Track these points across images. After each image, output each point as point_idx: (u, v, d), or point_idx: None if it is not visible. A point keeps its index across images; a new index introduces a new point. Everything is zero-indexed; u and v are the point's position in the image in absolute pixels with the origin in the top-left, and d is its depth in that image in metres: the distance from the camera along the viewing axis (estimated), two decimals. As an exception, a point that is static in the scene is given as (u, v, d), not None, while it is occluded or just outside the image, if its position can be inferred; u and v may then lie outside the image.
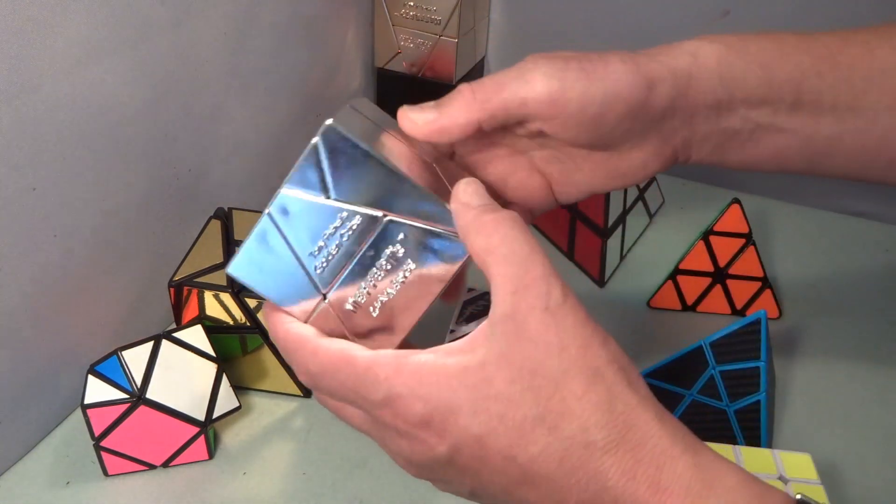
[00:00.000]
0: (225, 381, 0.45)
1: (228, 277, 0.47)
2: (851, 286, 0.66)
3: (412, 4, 0.71)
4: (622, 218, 0.65)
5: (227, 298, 0.47)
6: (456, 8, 0.70)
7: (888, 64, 0.38)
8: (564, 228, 0.66)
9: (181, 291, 0.47)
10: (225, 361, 0.48)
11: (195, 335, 0.45)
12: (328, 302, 0.34)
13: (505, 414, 0.30)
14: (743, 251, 0.58)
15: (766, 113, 0.38)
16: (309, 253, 0.34)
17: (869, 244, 0.71)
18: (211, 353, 0.45)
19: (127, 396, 0.42)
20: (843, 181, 0.76)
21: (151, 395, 0.43)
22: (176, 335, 0.45)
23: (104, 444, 0.43)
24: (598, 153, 0.38)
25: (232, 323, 0.48)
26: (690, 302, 0.61)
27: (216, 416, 0.45)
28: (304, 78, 0.65)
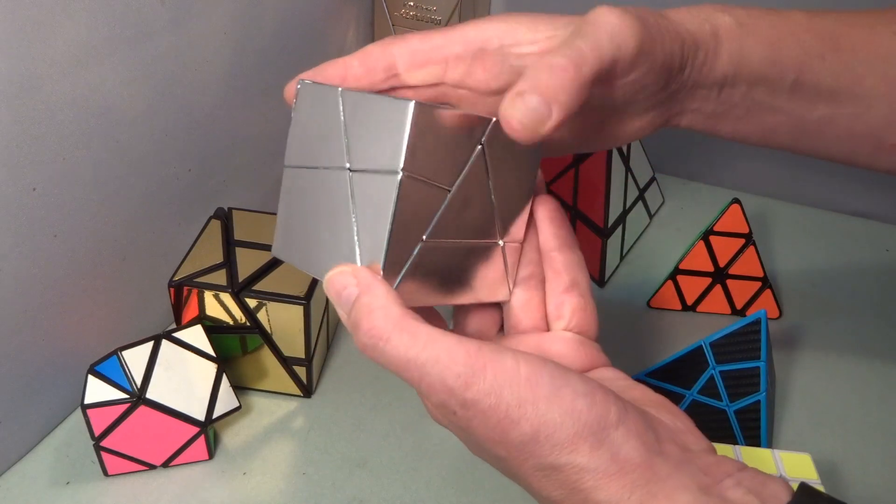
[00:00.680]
0: (225, 381, 0.45)
1: (228, 277, 0.47)
2: (851, 286, 0.66)
3: (412, 4, 0.71)
4: (622, 218, 0.65)
5: (227, 298, 0.47)
6: (456, 8, 0.70)
7: (890, 51, 0.39)
8: None
9: (181, 291, 0.47)
10: (225, 361, 0.48)
11: (195, 335, 0.45)
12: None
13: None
14: (743, 251, 0.58)
15: (764, 91, 0.38)
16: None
17: (869, 244, 0.72)
18: (211, 353, 0.45)
19: (127, 396, 0.42)
20: (842, 181, 0.76)
21: (151, 395, 0.43)
22: (176, 335, 0.45)
23: (104, 444, 0.43)
24: (595, 117, 0.37)
25: (232, 323, 0.48)
26: (690, 302, 0.61)
27: (216, 416, 0.45)
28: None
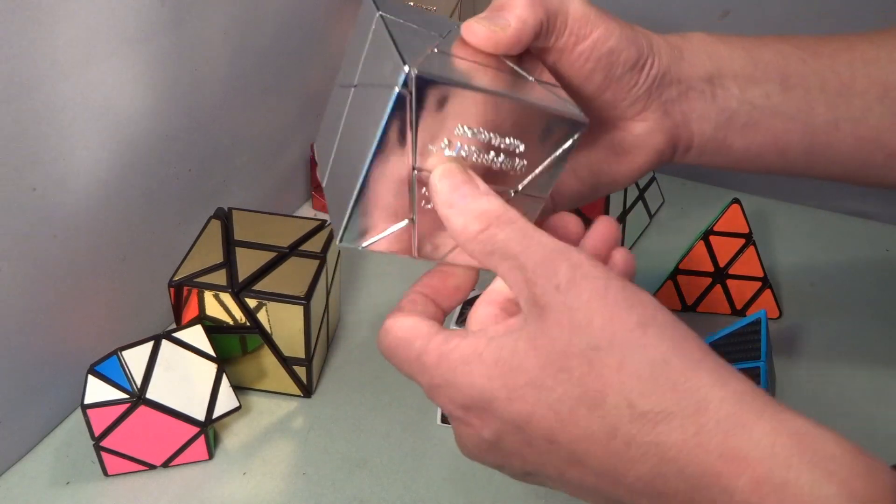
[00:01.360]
0: (225, 381, 0.45)
1: (228, 277, 0.47)
2: (851, 286, 0.66)
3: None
4: (622, 218, 0.65)
5: (227, 298, 0.47)
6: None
7: (869, 56, 0.39)
8: None
9: (181, 291, 0.47)
10: (225, 361, 0.48)
11: (195, 335, 0.45)
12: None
13: (540, 399, 0.29)
14: (743, 251, 0.58)
15: (758, 94, 0.39)
16: None
17: (869, 244, 0.72)
18: (211, 353, 0.45)
19: (127, 396, 0.42)
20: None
21: (151, 395, 0.43)
22: (176, 335, 0.45)
23: (104, 444, 0.43)
24: (603, 127, 0.39)
25: (232, 323, 0.48)
26: (690, 302, 0.61)
27: (216, 416, 0.45)
28: (304, 78, 0.65)
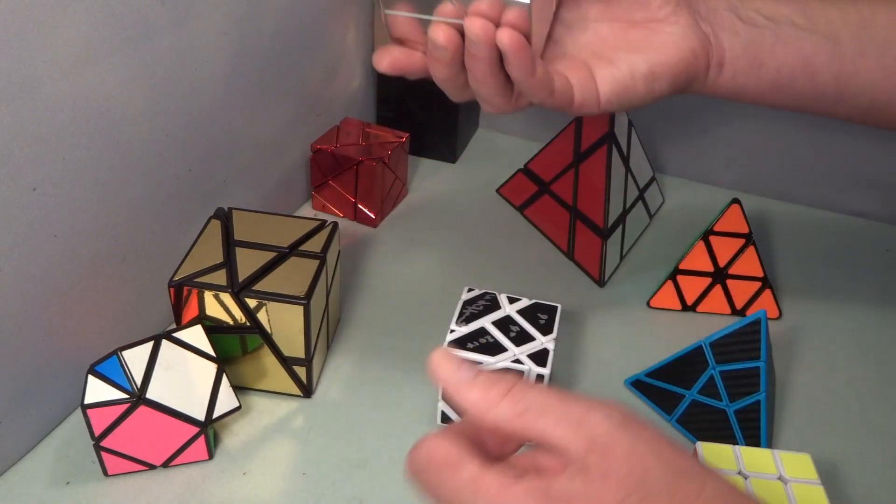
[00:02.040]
0: (225, 381, 0.45)
1: (228, 277, 0.47)
2: (851, 286, 0.66)
3: None
4: (622, 218, 0.65)
5: (227, 298, 0.47)
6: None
7: (891, 19, 0.44)
8: (564, 228, 0.67)
9: (181, 291, 0.47)
10: (225, 361, 0.48)
11: (195, 335, 0.46)
12: None
13: None
14: (743, 251, 0.58)
15: (783, 18, 0.43)
16: None
17: (869, 244, 0.72)
18: (211, 353, 0.45)
19: (127, 396, 0.42)
20: (842, 181, 0.76)
21: (151, 395, 0.43)
22: (176, 335, 0.45)
23: (104, 444, 0.43)
24: (637, 24, 0.44)
25: (232, 323, 0.48)
26: (690, 302, 0.61)
27: (216, 416, 0.45)
28: (304, 78, 0.65)
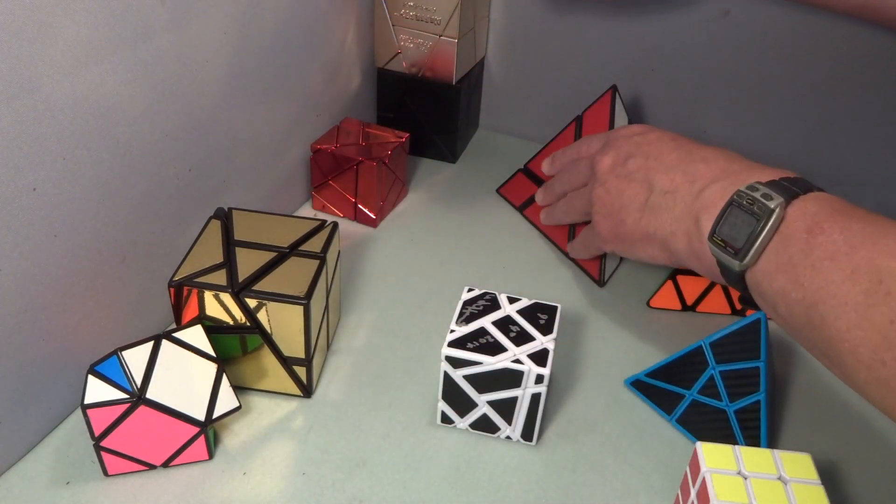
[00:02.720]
0: (225, 381, 0.45)
1: (228, 277, 0.47)
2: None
3: (412, 4, 0.71)
4: None
5: (227, 298, 0.47)
6: (456, 8, 0.70)
7: None
8: (564, 228, 0.67)
9: (181, 291, 0.47)
10: (225, 361, 0.48)
11: (195, 335, 0.46)
12: None
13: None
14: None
15: None
16: None
17: (869, 244, 0.71)
18: (211, 353, 0.45)
19: (127, 396, 0.42)
20: (842, 181, 0.76)
21: (151, 395, 0.43)
22: (176, 335, 0.45)
23: (104, 444, 0.43)
24: None
25: (232, 323, 0.48)
26: (690, 302, 0.61)
27: (216, 416, 0.45)
28: (304, 78, 0.65)
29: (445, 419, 0.49)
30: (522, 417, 0.48)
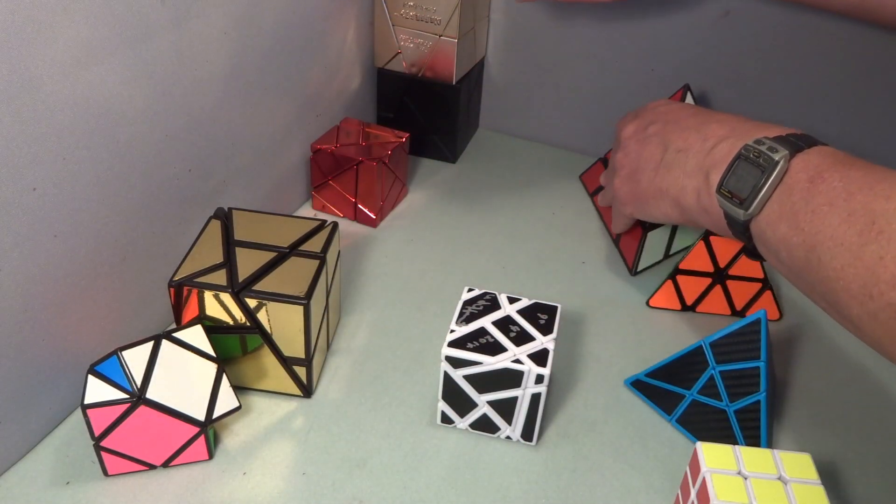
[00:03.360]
0: (225, 381, 0.45)
1: (228, 277, 0.47)
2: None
3: (412, 4, 0.71)
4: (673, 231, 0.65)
5: (227, 298, 0.47)
6: (456, 8, 0.70)
7: None
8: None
9: (181, 291, 0.47)
10: (225, 361, 0.48)
11: (195, 335, 0.46)
12: None
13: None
14: (743, 252, 0.58)
15: None
16: None
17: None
18: (211, 353, 0.45)
19: (127, 396, 0.42)
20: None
21: (151, 395, 0.43)
22: (176, 335, 0.45)
23: (104, 444, 0.43)
24: None
25: (232, 323, 0.48)
26: (690, 302, 0.61)
27: (216, 416, 0.45)
28: (304, 78, 0.65)
29: (445, 419, 0.49)
30: (522, 417, 0.48)
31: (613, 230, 0.66)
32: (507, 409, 0.47)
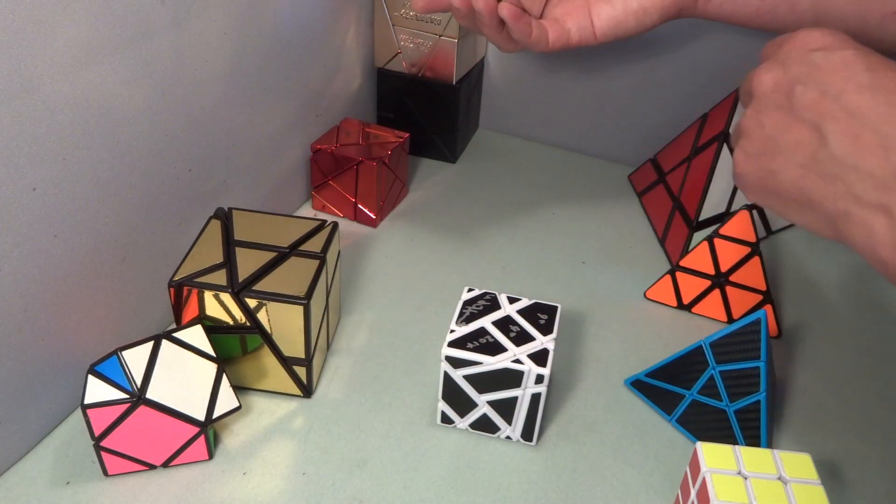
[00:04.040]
0: (225, 381, 0.45)
1: (228, 277, 0.47)
2: (851, 286, 0.66)
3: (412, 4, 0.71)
4: (722, 218, 0.65)
5: (227, 298, 0.47)
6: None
7: None
8: (665, 216, 0.69)
9: (181, 291, 0.47)
10: (225, 361, 0.48)
11: (195, 335, 0.46)
12: None
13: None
14: (747, 260, 0.57)
15: None
16: None
17: (869, 244, 0.71)
18: (211, 353, 0.45)
19: (127, 396, 0.42)
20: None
21: (151, 395, 0.43)
22: (176, 335, 0.45)
23: (104, 444, 0.43)
24: None
25: (232, 323, 0.48)
26: (687, 301, 0.61)
27: (216, 416, 0.45)
28: (304, 78, 0.65)
29: (445, 419, 0.49)
30: (522, 417, 0.48)
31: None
32: (507, 409, 0.47)
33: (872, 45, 0.42)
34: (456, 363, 0.46)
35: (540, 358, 0.46)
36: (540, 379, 0.45)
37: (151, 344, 0.44)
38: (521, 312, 0.49)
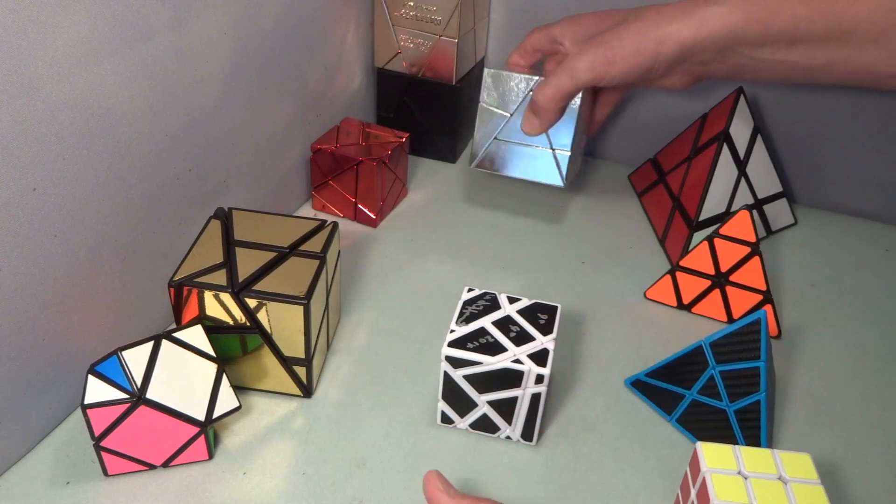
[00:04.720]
0: (225, 381, 0.45)
1: (228, 277, 0.47)
2: (851, 286, 0.66)
3: (412, 4, 0.71)
4: (722, 218, 0.65)
5: (227, 298, 0.47)
6: (456, 8, 0.70)
7: (872, 7, 0.48)
8: (665, 216, 0.69)
9: (181, 291, 0.47)
10: (225, 361, 0.48)
11: (195, 335, 0.46)
12: None
13: None
14: (747, 260, 0.57)
15: (766, 52, 0.51)
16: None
17: (869, 244, 0.72)
18: (211, 353, 0.45)
19: (127, 396, 0.42)
20: (842, 181, 0.76)
21: (151, 395, 0.43)
22: (176, 335, 0.45)
23: (104, 444, 0.43)
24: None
25: (232, 323, 0.48)
26: (687, 301, 0.61)
27: (216, 416, 0.45)
28: (304, 78, 0.65)
29: (445, 419, 0.49)
30: (522, 417, 0.48)
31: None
32: (507, 409, 0.47)
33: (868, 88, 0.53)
34: (456, 363, 0.46)
35: (540, 358, 0.46)
36: (540, 379, 0.45)
37: (151, 344, 0.44)
38: (521, 312, 0.49)
